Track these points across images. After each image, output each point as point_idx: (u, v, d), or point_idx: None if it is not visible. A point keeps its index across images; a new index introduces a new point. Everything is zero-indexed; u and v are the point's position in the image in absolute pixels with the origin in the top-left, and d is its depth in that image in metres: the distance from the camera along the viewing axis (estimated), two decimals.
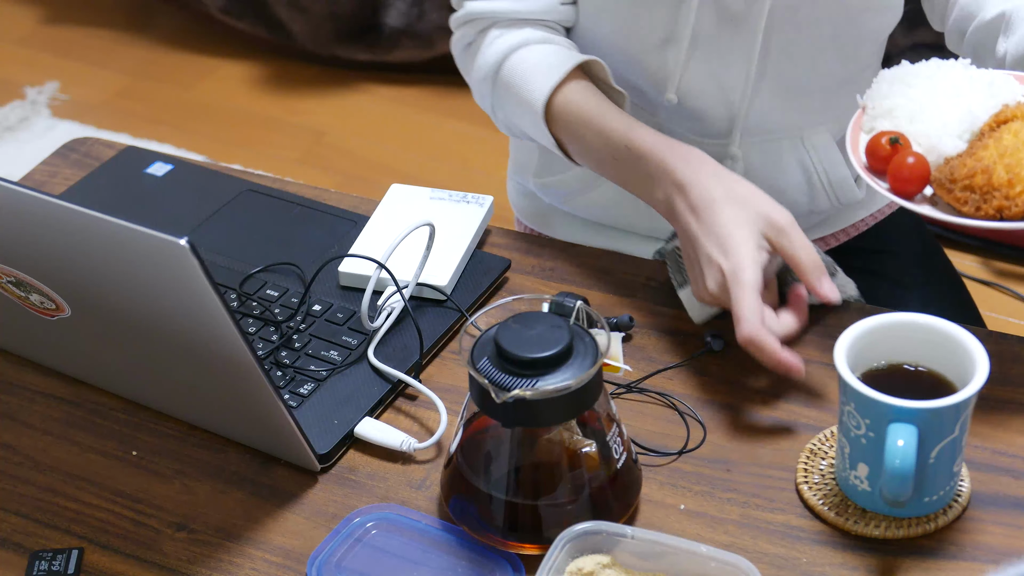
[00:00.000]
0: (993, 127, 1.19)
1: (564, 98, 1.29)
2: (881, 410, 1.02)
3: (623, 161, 1.25)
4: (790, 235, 1.16)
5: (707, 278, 1.16)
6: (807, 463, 1.12)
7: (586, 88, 1.30)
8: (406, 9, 3.12)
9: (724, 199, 1.17)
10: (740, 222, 1.16)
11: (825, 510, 1.09)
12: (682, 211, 1.19)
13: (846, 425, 1.06)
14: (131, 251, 1.00)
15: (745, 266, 1.13)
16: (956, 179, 1.15)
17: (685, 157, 1.21)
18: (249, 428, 1.16)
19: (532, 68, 1.31)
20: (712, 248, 1.16)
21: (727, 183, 1.18)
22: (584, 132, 1.28)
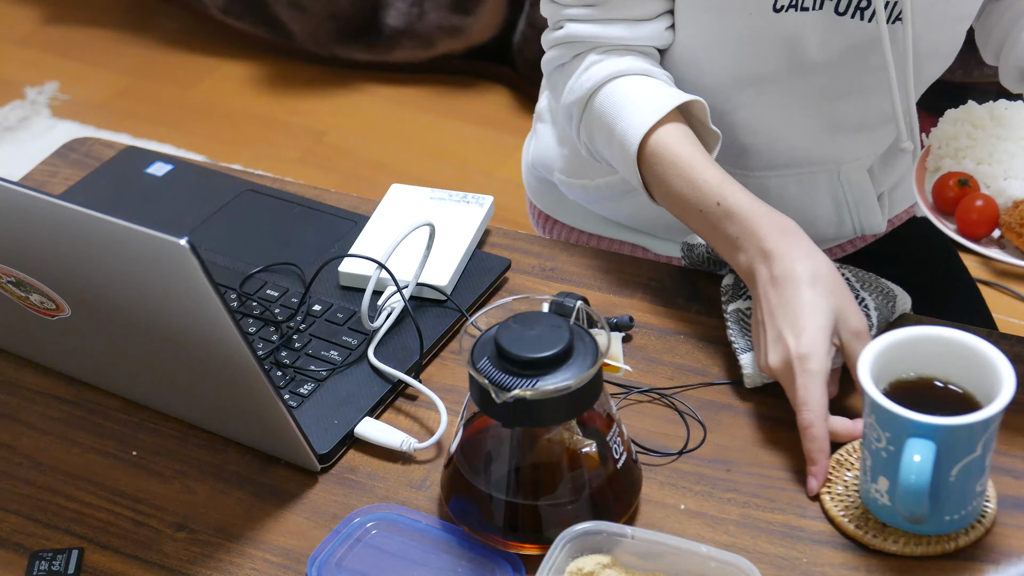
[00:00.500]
0: None
1: (658, 139, 1.25)
2: (900, 424, 1.00)
3: (710, 216, 1.21)
4: (863, 343, 1.12)
5: (772, 353, 1.13)
6: (832, 473, 1.11)
7: (681, 131, 1.26)
8: (406, 9, 3.12)
9: (808, 280, 1.13)
10: (819, 309, 1.12)
11: (845, 522, 1.07)
12: (763, 280, 1.16)
13: (868, 437, 1.04)
14: (131, 251, 1.00)
15: (815, 354, 1.11)
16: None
17: (777, 226, 1.17)
18: (249, 428, 1.16)
19: (629, 101, 1.27)
20: (785, 326, 1.13)
21: (814, 264, 1.15)
22: (674, 179, 1.24)
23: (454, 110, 3.10)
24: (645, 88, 1.28)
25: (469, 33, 3.08)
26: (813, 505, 1.10)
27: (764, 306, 1.15)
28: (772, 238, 1.16)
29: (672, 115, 1.26)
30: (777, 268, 1.15)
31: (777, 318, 1.14)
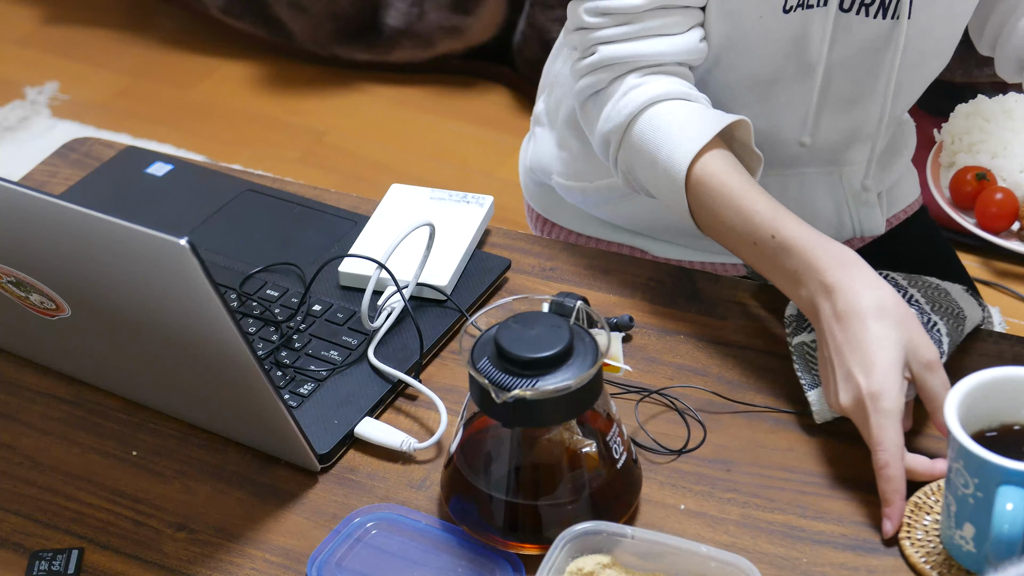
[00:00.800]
0: None
1: (704, 168, 1.22)
2: (991, 470, 0.97)
3: (765, 249, 1.18)
4: (936, 374, 1.09)
5: (842, 392, 1.10)
6: (911, 517, 1.08)
7: (727, 159, 1.23)
8: (406, 9, 3.12)
9: (874, 313, 1.10)
10: (887, 344, 1.09)
11: (927, 568, 1.04)
12: (827, 316, 1.12)
13: (953, 482, 1.01)
14: (131, 251, 1.00)
15: (888, 393, 1.08)
16: None
17: (837, 258, 1.14)
18: (249, 428, 1.16)
19: (672, 127, 1.24)
20: (854, 364, 1.09)
21: (879, 295, 1.11)
22: (724, 210, 1.21)
23: (454, 110, 3.10)
24: (687, 113, 1.25)
25: (469, 33, 3.08)
26: (813, 505, 1.10)
27: (831, 343, 1.12)
28: (833, 271, 1.13)
29: (715, 140, 1.23)
30: (840, 303, 1.11)
31: (845, 355, 1.10)
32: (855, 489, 1.11)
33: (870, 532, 1.08)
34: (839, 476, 1.13)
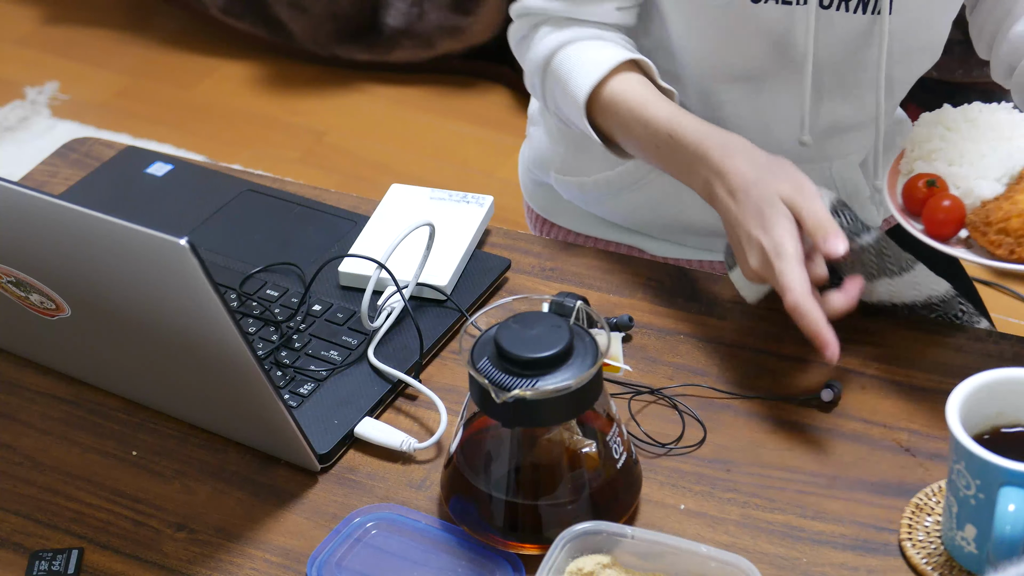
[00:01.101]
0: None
1: (611, 89, 1.30)
2: (993, 472, 0.97)
3: (665, 149, 1.26)
4: (802, 199, 1.17)
5: (750, 257, 1.18)
6: (912, 519, 1.08)
7: (634, 79, 1.30)
8: (406, 9, 3.12)
9: (758, 180, 1.18)
10: (773, 198, 1.17)
11: (928, 569, 1.04)
12: (721, 196, 1.20)
13: (955, 484, 1.01)
14: (131, 251, 1.00)
15: (784, 241, 1.15)
16: (991, 222, 1.15)
17: (723, 144, 1.22)
18: (249, 428, 1.16)
19: (578, 64, 1.32)
20: (752, 227, 1.17)
21: (761, 164, 1.20)
22: (630, 122, 1.28)
23: (454, 110, 3.10)
24: (594, 50, 1.32)
25: (469, 33, 3.08)
26: (813, 505, 1.10)
27: (731, 219, 1.20)
28: (718, 155, 1.21)
29: (625, 68, 1.30)
30: (730, 180, 1.20)
31: (743, 224, 1.18)
32: (855, 489, 1.12)
33: (870, 532, 1.08)
34: (839, 476, 1.13)
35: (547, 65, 1.35)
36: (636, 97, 1.29)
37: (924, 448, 1.14)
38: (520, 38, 1.40)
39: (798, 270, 1.14)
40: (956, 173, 1.20)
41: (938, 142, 1.22)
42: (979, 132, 1.22)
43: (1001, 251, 1.14)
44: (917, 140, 1.24)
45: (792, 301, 1.13)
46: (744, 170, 1.19)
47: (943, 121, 1.24)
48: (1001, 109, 1.25)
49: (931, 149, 1.22)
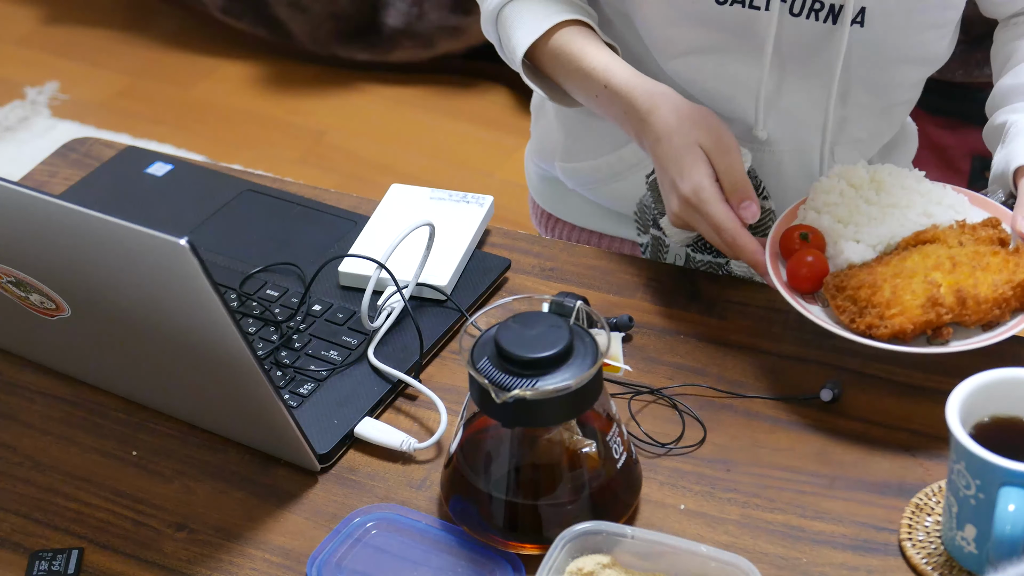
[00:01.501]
0: (911, 243, 1.20)
1: (555, 42, 1.33)
2: (993, 472, 0.97)
3: (603, 98, 1.30)
4: (722, 157, 1.22)
5: (672, 204, 1.24)
6: (912, 519, 1.08)
7: (576, 32, 1.33)
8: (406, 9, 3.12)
9: (679, 127, 1.23)
10: (691, 144, 1.22)
11: (928, 569, 1.04)
12: (648, 145, 1.26)
13: (955, 483, 1.01)
14: (131, 251, 1.00)
15: (703, 186, 1.20)
16: (844, 287, 1.17)
17: (648, 93, 1.26)
18: (249, 428, 1.16)
19: (519, 22, 1.35)
20: (673, 174, 1.22)
21: (684, 114, 1.24)
22: (572, 73, 1.32)
23: (454, 110, 3.10)
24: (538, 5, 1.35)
25: (469, 33, 3.08)
26: (813, 505, 1.10)
27: (657, 167, 1.25)
28: (645, 103, 1.26)
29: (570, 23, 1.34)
30: (654, 128, 1.24)
31: (666, 171, 1.23)
32: (855, 489, 1.12)
33: (870, 532, 1.08)
34: (839, 476, 1.13)
35: (497, 17, 1.38)
36: (574, 48, 1.32)
37: (924, 448, 1.14)
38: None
39: (723, 208, 1.20)
40: (838, 231, 1.22)
41: (836, 196, 1.25)
42: (879, 195, 1.25)
43: (844, 317, 1.16)
44: (819, 190, 1.26)
45: (730, 237, 1.20)
46: (667, 119, 1.24)
47: (849, 177, 1.26)
48: (911, 176, 1.26)
49: (827, 202, 1.25)
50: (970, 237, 1.19)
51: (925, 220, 1.22)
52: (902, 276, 1.16)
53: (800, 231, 1.22)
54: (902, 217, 1.22)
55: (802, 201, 1.27)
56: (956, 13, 1.34)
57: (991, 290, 1.14)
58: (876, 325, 1.14)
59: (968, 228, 1.20)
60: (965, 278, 1.15)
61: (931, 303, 1.13)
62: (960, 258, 1.16)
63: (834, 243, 1.22)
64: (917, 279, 1.15)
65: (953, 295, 1.14)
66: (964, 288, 1.14)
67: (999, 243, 1.19)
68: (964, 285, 1.14)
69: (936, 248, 1.18)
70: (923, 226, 1.22)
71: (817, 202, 1.25)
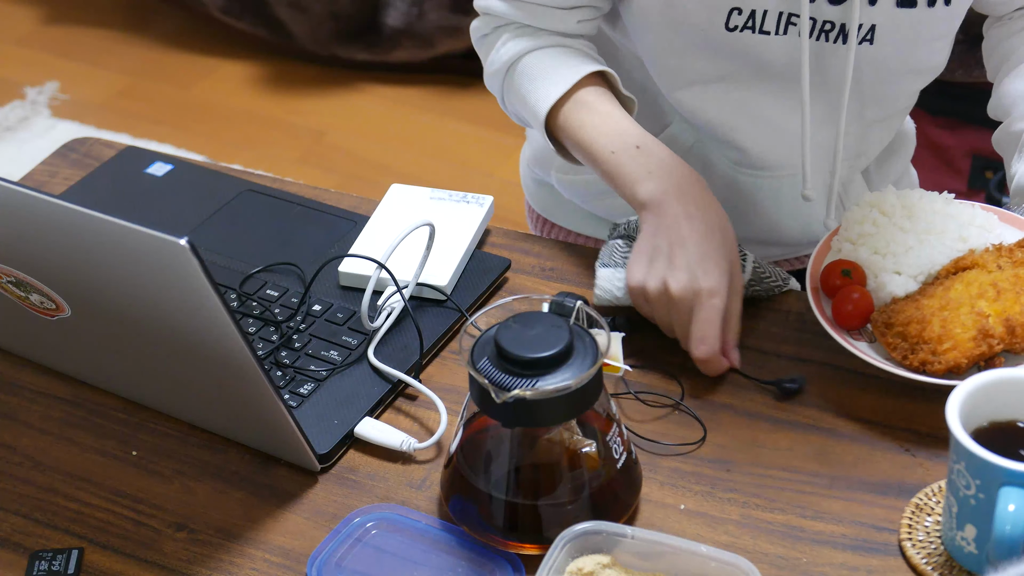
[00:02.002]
0: (951, 271, 1.20)
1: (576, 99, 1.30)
2: (993, 472, 0.97)
3: (622, 154, 1.25)
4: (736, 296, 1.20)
5: (673, 280, 1.18)
6: (912, 519, 1.08)
7: (598, 92, 1.30)
8: (406, 9, 3.12)
9: (718, 228, 1.20)
10: (725, 255, 1.20)
11: (928, 569, 1.04)
12: (673, 211, 1.20)
13: (955, 483, 1.01)
14: (131, 251, 1.00)
15: (721, 294, 1.18)
16: (892, 324, 1.17)
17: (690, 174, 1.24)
18: (249, 428, 1.16)
19: (540, 75, 1.32)
20: (695, 260, 1.18)
21: (721, 217, 1.22)
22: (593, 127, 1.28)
23: (454, 110, 3.10)
24: (556, 59, 1.32)
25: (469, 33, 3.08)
26: (813, 505, 1.10)
27: (673, 236, 1.20)
28: (685, 181, 1.22)
29: (589, 79, 1.30)
30: (691, 207, 1.21)
31: (689, 252, 1.19)
32: (855, 489, 1.12)
33: (870, 532, 1.08)
34: (839, 476, 1.13)
35: (508, 72, 1.35)
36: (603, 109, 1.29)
37: (924, 448, 1.14)
38: (481, 36, 1.40)
39: (719, 326, 1.18)
40: (877, 263, 1.22)
41: (869, 226, 1.24)
42: (912, 221, 1.24)
43: (896, 354, 1.16)
44: (851, 220, 1.26)
45: (705, 354, 1.18)
46: (707, 208, 1.21)
47: (880, 204, 1.25)
48: (940, 199, 1.26)
49: (861, 233, 1.24)
50: (1008, 260, 1.19)
51: (961, 245, 1.22)
52: (949, 308, 1.15)
53: (842, 267, 1.21)
54: (938, 243, 1.22)
55: (834, 232, 1.26)
56: (959, 22, 1.34)
57: None
58: (930, 361, 1.14)
59: (1005, 251, 1.20)
60: (1011, 305, 1.15)
61: (982, 335, 1.13)
62: (1003, 284, 1.16)
63: (875, 276, 1.21)
64: (964, 310, 1.15)
65: (1002, 324, 1.14)
66: (1012, 316, 1.14)
67: None
68: (1012, 313, 1.14)
69: (977, 274, 1.18)
70: (960, 251, 1.21)
71: (851, 233, 1.24)
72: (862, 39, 1.29)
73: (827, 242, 1.26)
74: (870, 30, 1.29)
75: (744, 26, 1.28)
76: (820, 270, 1.24)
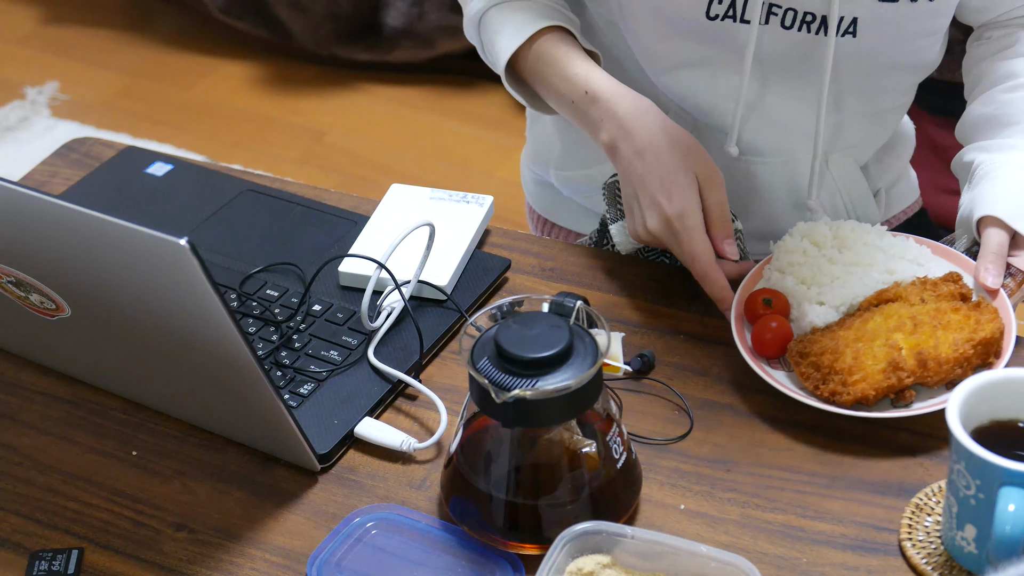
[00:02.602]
0: (873, 303, 1.19)
1: (537, 47, 1.34)
2: (993, 472, 0.97)
3: (580, 104, 1.30)
4: (714, 191, 1.24)
5: (648, 219, 1.24)
6: (912, 519, 1.08)
7: (559, 38, 1.33)
8: (406, 9, 3.12)
9: (670, 148, 1.24)
10: (683, 168, 1.23)
11: (928, 569, 1.04)
12: (627, 155, 1.25)
13: (955, 483, 1.01)
14: (131, 251, 1.00)
15: (690, 211, 1.22)
16: (807, 353, 1.17)
17: (635, 103, 1.27)
18: (249, 428, 1.16)
19: (505, 26, 1.36)
20: (656, 191, 1.23)
21: (673, 134, 1.25)
22: (551, 76, 1.33)
23: (454, 110, 3.10)
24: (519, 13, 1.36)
25: None
26: (813, 505, 1.10)
27: (632, 178, 1.25)
28: (631, 116, 1.26)
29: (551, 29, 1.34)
30: (638, 142, 1.25)
31: (648, 185, 1.24)
32: (855, 489, 1.12)
33: (870, 532, 1.08)
34: (839, 476, 1.13)
35: (480, 22, 1.39)
36: (558, 55, 1.32)
37: (924, 448, 1.14)
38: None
39: (704, 240, 1.22)
40: (801, 293, 1.22)
41: (799, 256, 1.24)
42: (842, 253, 1.24)
43: (808, 384, 1.16)
44: (782, 250, 1.26)
45: (701, 269, 1.22)
46: (656, 135, 1.25)
47: (811, 235, 1.26)
48: (873, 231, 1.26)
49: (790, 262, 1.24)
50: (931, 294, 1.18)
51: (888, 277, 1.22)
52: (864, 340, 1.15)
53: (764, 296, 1.21)
54: (864, 276, 1.22)
55: (767, 261, 1.27)
56: (946, 20, 1.35)
57: (952, 350, 1.14)
58: (839, 392, 1.14)
59: (929, 284, 1.20)
60: (926, 339, 1.14)
61: (892, 367, 1.13)
62: (921, 317, 1.16)
63: (798, 305, 1.21)
64: (878, 342, 1.15)
65: (914, 357, 1.13)
66: (925, 350, 1.13)
67: (960, 298, 1.18)
68: (925, 347, 1.14)
69: (898, 307, 1.17)
70: (886, 283, 1.21)
71: (781, 262, 1.25)
72: (844, 31, 1.30)
73: (759, 270, 1.26)
74: (852, 23, 1.29)
75: (725, 15, 1.29)
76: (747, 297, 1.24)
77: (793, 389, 1.16)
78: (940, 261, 1.25)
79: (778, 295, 1.22)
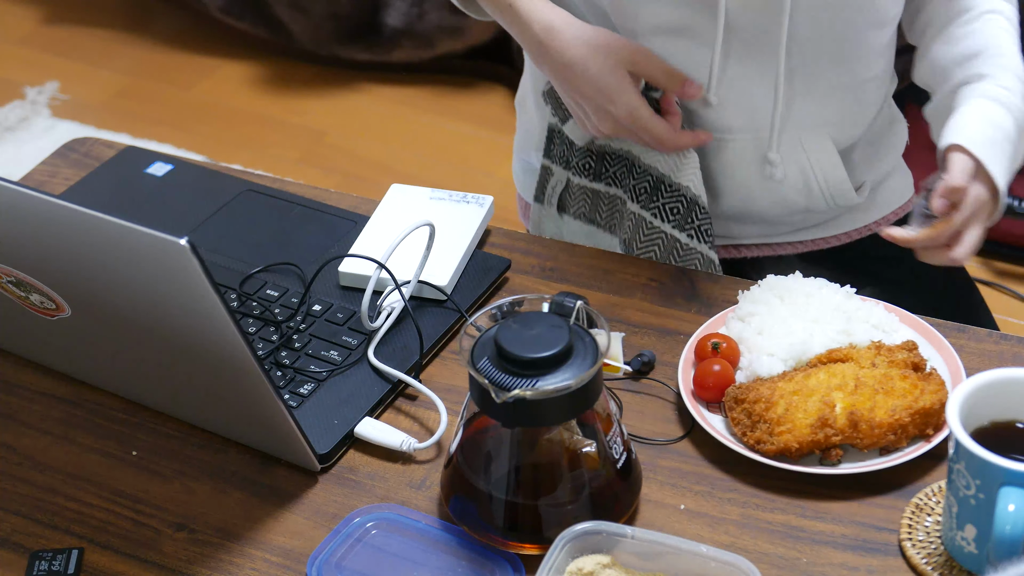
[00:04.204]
0: (823, 360, 1.18)
1: None
2: (993, 472, 0.97)
3: (507, 15, 1.34)
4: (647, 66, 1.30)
5: (601, 124, 1.31)
6: (912, 519, 1.09)
7: None
8: (406, 9, 3.12)
9: (593, 55, 1.29)
10: (611, 68, 1.29)
11: (928, 569, 1.04)
12: (553, 69, 1.31)
13: (955, 483, 1.01)
14: (131, 251, 1.00)
15: (635, 104, 1.29)
16: (742, 400, 1.16)
17: (548, 19, 1.31)
18: (249, 428, 1.16)
19: None
20: (601, 100, 1.29)
21: (591, 38, 1.30)
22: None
23: (454, 110, 3.10)
24: None
25: (469, 33, 3.08)
26: (813, 505, 1.10)
27: (569, 91, 1.32)
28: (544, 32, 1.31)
29: None
30: (561, 57, 1.30)
31: (588, 96, 1.30)
32: (855, 489, 1.12)
33: (870, 532, 1.08)
34: (839, 476, 1.13)
35: None
36: None
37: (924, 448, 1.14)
38: None
39: (659, 122, 1.30)
40: (756, 343, 1.21)
41: (762, 307, 1.24)
42: (805, 309, 1.23)
43: (737, 429, 1.15)
44: (748, 299, 1.25)
45: (672, 144, 1.31)
46: (574, 46, 1.29)
47: (777, 288, 1.25)
48: (841, 292, 1.24)
49: (752, 312, 1.24)
50: (884, 359, 1.17)
51: (843, 338, 1.20)
52: (801, 394, 1.14)
53: (712, 340, 1.21)
54: (820, 334, 1.20)
55: (732, 308, 1.26)
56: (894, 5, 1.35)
57: (888, 415, 1.12)
58: (764, 440, 1.13)
59: (884, 349, 1.18)
60: (864, 401, 1.13)
61: (821, 423, 1.12)
62: (866, 380, 1.15)
63: (748, 352, 1.20)
64: (815, 398, 1.14)
65: (847, 417, 1.12)
66: (859, 411, 1.12)
67: (912, 367, 1.17)
68: (860, 408, 1.12)
69: (846, 368, 1.16)
70: (840, 343, 1.20)
71: (743, 311, 1.24)
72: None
73: (723, 316, 1.26)
74: None
75: None
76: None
77: (722, 433, 1.15)
78: (907, 329, 1.24)
79: (728, 340, 1.21)
